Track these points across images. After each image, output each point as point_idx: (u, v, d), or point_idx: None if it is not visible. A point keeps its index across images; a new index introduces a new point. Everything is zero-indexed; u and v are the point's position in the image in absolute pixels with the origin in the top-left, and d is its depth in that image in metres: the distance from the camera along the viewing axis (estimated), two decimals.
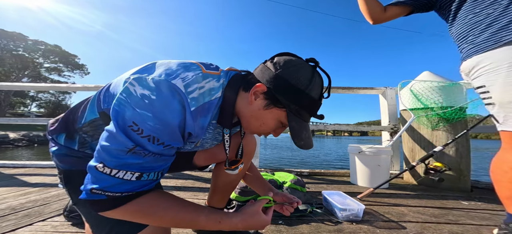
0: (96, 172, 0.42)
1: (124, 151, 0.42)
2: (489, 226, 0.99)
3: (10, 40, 30.69)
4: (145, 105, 0.42)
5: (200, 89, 0.48)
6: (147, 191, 0.48)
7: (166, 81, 0.44)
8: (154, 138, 0.43)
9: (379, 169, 1.67)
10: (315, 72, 0.55)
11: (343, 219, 1.02)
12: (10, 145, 14.02)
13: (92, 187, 0.42)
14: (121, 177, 0.42)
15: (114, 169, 0.42)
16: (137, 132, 0.42)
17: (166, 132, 0.44)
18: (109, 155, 0.42)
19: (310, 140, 0.56)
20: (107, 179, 0.42)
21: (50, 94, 40.60)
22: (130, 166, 0.43)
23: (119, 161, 0.42)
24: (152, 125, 0.42)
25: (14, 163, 2.23)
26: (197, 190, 1.47)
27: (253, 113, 0.55)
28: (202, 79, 0.50)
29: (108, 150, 0.42)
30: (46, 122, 2.43)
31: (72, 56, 36.68)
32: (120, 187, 0.43)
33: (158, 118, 0.43)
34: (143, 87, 0.44)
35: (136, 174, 0.44)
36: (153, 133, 0.43)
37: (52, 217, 1.01)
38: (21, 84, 2.67)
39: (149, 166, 0.45)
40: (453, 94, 1.69)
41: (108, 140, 0.42)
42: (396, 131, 2.24)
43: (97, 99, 0.55)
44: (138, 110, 0.42)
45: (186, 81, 0.46)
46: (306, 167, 6.72)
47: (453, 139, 1.44)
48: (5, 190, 1.42)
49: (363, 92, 2.46)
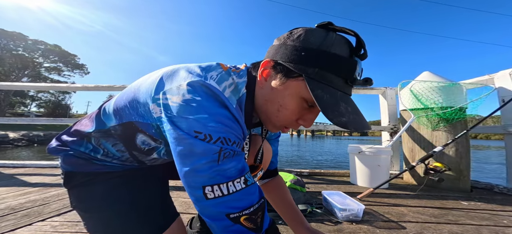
0: (210, 203, 0.38)
1: (215, 160, 0.38)
2: (489, 226, 0.99)
3: (10, 40, 30.67)
4: (195, 109, 0.38)
5: (230, 87, 0.44)
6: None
7: (202, 82, 0.40)
8: (225, 139, 0.39)
9: (379, 169, 1.67)
10: (330, 31, 0.43)
11: (343, 219, 1.02)
12: (10, 145, 14.01)
13: (222, 224, 0.38)
14: (235, 190, 0.38)
15: (222, 184, 0.38)
16: (206, 140, 0.38)
17: (230, 128, 0.40)
18: (206, 174, 0.38)
19: (359, 116, 0.43)
20: (225, 201, 0.38)
21: (50, 94, 40.61)
22: (231, 173, 0.39)
23: (220, 173, 0.38)
24: (214, 126, 0.38)
25: (14, 162, 2.23)
26: None
27: (267, 97, 0.46)
28: (228, 76, 0.45)
29: (199, 171, 0.38)
30: (46, 122, 2.44)
31: (72, 56, 36.67)
32: (244, 201, 0.39)
33: (216, 116, 0.39)
34: (182, 93, 0.39)
35: (242, 178, 0.40)
36: (221, 133, 0.39)
37: (51, 217, 1.01)
38: (21, 84, 2.67)
39: (243, 167, 0.41)
40: (453, 94, 1.69)
41: (191, 158, 0.38)
42: (396, 131, 2.24)
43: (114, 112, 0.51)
44: (191, 117, 0.38)
45: (216, 79, 0.42)
46: (305, 167, 6.72)
47: (453, 139, 1.45)
48: (5, 190, 1.42)
49: (363, 92, 2.46)
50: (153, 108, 0.43)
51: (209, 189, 0.38)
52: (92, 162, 0.54)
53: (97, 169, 0.55)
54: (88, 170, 0.54)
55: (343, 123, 0.39)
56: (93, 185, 0.55)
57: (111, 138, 0.53)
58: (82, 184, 0.55)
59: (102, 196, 0.54)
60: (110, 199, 0.54)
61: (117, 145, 0.53)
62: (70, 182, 0.55)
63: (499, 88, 1.77)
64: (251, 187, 0.41)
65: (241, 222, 0.38)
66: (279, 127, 0.50)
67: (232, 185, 0.38)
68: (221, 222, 0.39)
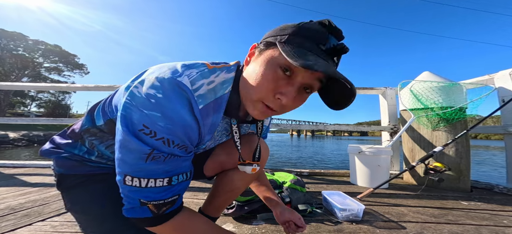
0: (127, 187, 0.42)
1: (142, 159, 0.41)
2: (489, 226, 0.99)
3: (10, 40, 30.66)
4: (152, 105, 0.40)
5: (209, 85, 0.45)
6: (182, 205, 0.50)
7: (171, 79, 0.41)
8: (169, 140, 0.41)
9: (379, 169, 1.67)
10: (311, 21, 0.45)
11: (343, 219, 1.02)
12: (9, 145, 14.01)
13: (135, 204, 0.43)
14: (154, 186, 0.42)
15: (144, 179, 0.42)
16: (150, 135, 0.40)
17: (179, 132, 0.42)
18: (129, 166, 0.41)
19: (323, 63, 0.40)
20: (140, 191, 0.42)
21: (50, 94, 40.62)
22: (155, 173, 0.42)
23: (142, 170, 0.41)
24: (163, 126, 0.40)
25: (14, 162, 2.23)
26: (197, 190, 1.47)
27: (246, 74, 0.48)
28: (209, 74, 0.46)
29: (126, 162, 0.41)
30: (46, 122, 2.44)
31: (72, 56, 36.65)
32: (160, 195, 0.43)
33: (168, 117, 0.40)
34: (147, 87, 0.41)
35: (165, 179, 0.43)
36: (166, 134, 0.41)
37: (51, 217, 1.01)
38: (21, 84, 2.67)
39: (173, 169, 0.44)
40: (453, 94, 1.69)
41: (123, 150, 0.41)
42: (396, 131, 2.24)
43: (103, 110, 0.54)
44: (145, 111, 0.40)
45: (191, 77, 0.43)
46: (305, 167, 6.72)
47: (453, 139, 1.45)
48: (5, 189, 1.42)
49: (363, 92, 2.46)
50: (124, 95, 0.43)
51: (129, 178, 0.41)
52: (86, 164, 0.56)
53: (91, 171, 0.56)
54: (82, 172, 0.56)
55: (307, 65, 0.37)
56: (87, 186, 0.56)
57: (103, 139, 0.54)
58: (76, 186, 0.56)
59: (97, 197, 0.55)
60: (105, 200, 0.55)
61: (110, 147, 0.55)
62: (63, 184, 0.57)
63: (499, 88, 1.77)
64: (174, 187, 0.45)
65: (147, 206, 0.43)
66: (257, 103, 0.47)
67: (152, 181, 0.42)
68: (131, 202, 0.43)
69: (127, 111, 0.41)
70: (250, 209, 1.05)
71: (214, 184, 0.76)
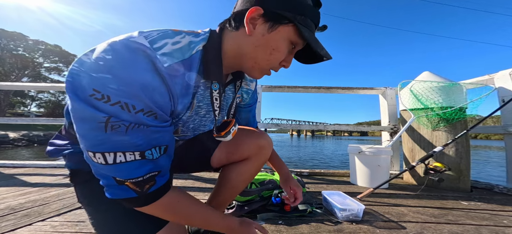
0: (97, 164, 0.39)
1: (100, 129, 0.36)
2: (489, 226, 0.99)
3: (10, 40, 30.66)
4: (101, 67, 0.36)
5: (174, 45, 0.43)
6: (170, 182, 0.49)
7: (125, 40, 0.38)
8: (127, 105, 0.37)
9: (379, 169, 1.67)
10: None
11: (343, 219, 1.02)
12: (9, 145, 14.02)
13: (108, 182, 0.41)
14: (124, 161, 0.39)
15: (108, 154, 0.38)
16: (102, 100, 0.36)
17: (139, 94, 0.37)
18: (89, 141, 0.37)
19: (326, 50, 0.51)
20: (111, 168, 0.39)
21: (50, 94, 40.61)
22: (121, 146, 0.38)
23: (104, 143, 0.37)
24: (115, 88, 0.36)
25: (14, 162, 2.23)
26: (197, 190, 1.47)
27: (258, 43, 0.48)
28: (174, 35, 0.44)
29: (84, 136, 0.37)
30: (46, 122, 2.44)
31: (72, 56, 36.63)
32: (136, 172, 0.40)
33: (120, 78, 0.36)
34: (98, 52, 0.37)
35: (137, 153, 0.40)
36: (122, 98, 0.36)
37: (51, 217, 1.01)
38: (21, 84, 2.67)
39: (145, 142, 0.40)
40: (453, 94, 1.69)
41: (77, 122, 0.37)
42: (396, 131, 2.24)
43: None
44: (94, 74, 0.35)
45: (150, 38, 0.40)
46: (306, 166, 6.72)
47: (453, 139, 1.44)
48: (5, 189, 1.42)
49: (363, 92, 2.46)
50: None
51: (91, 154, 0.38)
52: None
53: None
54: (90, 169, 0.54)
55: (324, 54, 0.49)
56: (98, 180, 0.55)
57: None
58: (88, 180, 0.54)
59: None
60: None
61: None
62: (75, 178, 0.56)
63: (499, 88, 1.77)
64: (151, 161, 0.42)
65: (125, 184, 0.40)
66: (265, 70, 0.53)
67: (121, 155, 0.38)
68: (106, 179, 0.41)
69: (74, 78, 0.36)
70: (250, 209, 1.05)
71: (219, 178, 0.77)
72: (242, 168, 0.70)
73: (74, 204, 1.17)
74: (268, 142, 0.72)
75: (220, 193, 0.74)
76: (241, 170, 0.71)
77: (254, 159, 0.71)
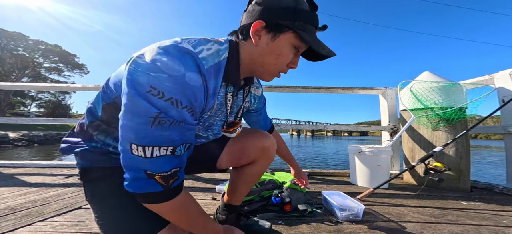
0: (133, 157, 0.42)
1: (148, 123, 0.41)
2: (489, 226, 0.99)
3: (10, 40, 30.64)
4: (157, 67, 0.41)
5: (208, 51, 0.50)
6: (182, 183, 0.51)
7: (175, 45, 0.45)
8: (177, 101, 0.42)
9: (379, 169, 1.67)
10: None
11: (343, 219, 1.02)
12: (9, 145, 14.02)
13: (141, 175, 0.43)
14: (159, 155, 0.42)
15: (147, 147, 0.41)
16: (158, 96, 0.41)
17: (187, 92, 0.43)
18: (135, 132, 0.41)
19: (329, 48, 0.56)
20: (145, 161, 0.42)
21: (50, 94, 40.60)
22: (159, 140, 0.42)
23: (147, 136, 0.41)
24: (170, 85, 0.41)
25: (14, 162, 2.23)
26: (197, 190, 1.47)
27: (264, 51, 0.55)
28: (206, 43, 0.51)
29: (131, 128, 0.41)
30: (46, 122, 2.44)
31: (72, 56, 36.60)
32: (165, 166, 0.44)
33: (174, 77, 0.42)
34: (151, 55, 0.43)
35: (170, 148, 0.44)
36: (174, 94, 0.42)
37: (51, 217, 1.01)
38: (21, 84, 2.67)
39: (179, 138, 0.45)
40: (453, 94, 1.69)
41: (128, 114, 0.41)
42: (396, 131, 2.24)
43: (101, 96, 0.55)
44: (152, 74, 0.41)
45: (191, 44, 0.47)
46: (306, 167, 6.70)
47: (453, 139, 1.44)
48: (5, 189, 1.42)
49: (363, 92, 2.46)
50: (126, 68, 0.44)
51: (134, 146, 0.41)
52: (110, 155, 0.57)
53: (113, 164, 0.57)
54: (107, 165, 0.57)
55: (326, 53, 0.54)
56: (108, 178, 0.57)
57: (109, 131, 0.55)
58: (98, 178, 0.57)
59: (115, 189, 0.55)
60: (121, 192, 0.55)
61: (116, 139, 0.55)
62: (86, 176, 0.58)
63: (499, 88, 1.77)
64: (178, 157, 0.46)
65: (155, 178, 0.44)
66: (274, 74, 0.59)
67: (157, 150, 0.42)
68: (136, 172, 0.43)
69: (133, 75, 0.41)
70: (250, 209, 1.05)
71: (232, 177, 0.85)
72: (252, 169, 0.77)
73: (74, 204, 1.17)
74: (272, 143, 0.77)
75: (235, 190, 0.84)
76: (251, 171, 0.78)
77: (260, 161, 0.77)
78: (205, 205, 1.20)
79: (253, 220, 0.91)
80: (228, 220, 0.87)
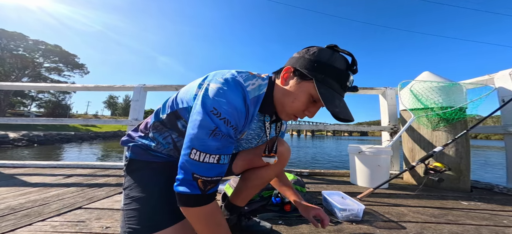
0: (191, 161, 0.53)
1: (207, 134, 0.53)
2: (489, 226, 0.99)
3: (10, 40, 30.61)
4: (220, 94, 0.56)
5: (253, 85, 0.62)
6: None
7: (233, 78, 0.59)
8: (228, 121, 0.55)
9: (379, 169, 1.67)
10: (336, 51, 0.61)
11: (343, 219, 1.02)
12: (9, 145, 14.02)
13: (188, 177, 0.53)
14: (208, 161, 0.53)
15: (203, 153, 0.53)
16: (216, 115, 0.54)
17: (235, 115, 0.56)
18: (198, 140, 0.53)
19: (347, 110, 0.60)
20: (197, 164, 0.53)
21: (50, 94, 40.59)
22: (212, 149, 0.54)
23: (205, 144, 0.53)
24: (226, 109, 0.55)
25: (14, 162, 2.23)
26: None
27: (285, 92, 0.64)
28: (252, 78, 0.64)
29: (197, 136, 0.54)
30: (46, 122, 2.44)
31: (72, 56, 36.55)
32: (209, 172, 0.54)
33: (230, 103, 0.56)
34: (217, 84, 0.58)
35: (216, 156, 0.54)
36: (227, 115, 0.55)
37: (51, 217, 1.01)
38: (21, 84, 2.67)
39: (223, 149, 0.56)
40: (453, 94, 1.69)
41: (195, 127, 0.55)
42: (396, 131, 2.24)
43: (167, 106, 0.70)
44: (216, 98, 0.55)
45: (243, 78, 0.61)
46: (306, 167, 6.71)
47: (453, 139, 1.44)
48: (5, 189, 1.42)
49: (363, 92, 2.46)
50: (197, 92, 0.61)
51: (194, 150, 0.53)
52: (148, 152, 0.71)
53: (150, 158, 0.71)
54: (144, 158, 0.71)
55: (336, 112, 0.56)
56: (143, 170, 0.70)
57: (162, 130, 0.69)
58: (137, 169, 0.71)
59: (146, 179, 0.69)
60: (151, 182, 0.68)
61: (167, 137, 0.70)
62: (129, 167, 0.71)
63: (499, 88, 1.77)
64: (220, 166, 0.56)
65: (197, 182, 0.53)
66: (290, 115, 0.66)
67: (207, 157, 0.53)
68: (186, 174, 0.53)
69: (204, 99, 0.56)
70: (250, 209, 1.05)
71: (241, 179, 0.87)
72: (263, 173, 0.80)
73: (74, 204, 1.17)
74: (286, 148, 0.82)
75: (246, 189, 0.86)
76: (261, 174, 0.81)
77: (272, 165, 0.79)
78: None
79: (254, 220, 0.91)
80: (230, 220, 0.88)
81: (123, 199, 0.68)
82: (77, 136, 20.90)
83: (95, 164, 2.24)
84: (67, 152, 11.98)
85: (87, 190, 1.46)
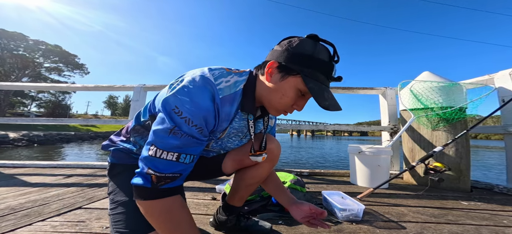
0: (148, 157, 0.52)
1: (167, 132, 0.52)
2: (489, 226, 0.99)
3: (10, 40, 30.61)
4: (184, 93, 0.54)
5: (227, 83, 0.60)
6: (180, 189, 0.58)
7: (201, 76, 0.57)
8: (190, 120, 0.53)
9: (379, 169, 1.67)
10: (317, 42, 0.60)
11: (343, 219, 1.02)
12: (10, 145, 14.02)
13: (143, 171, 0.52)
14: (165, 158, 0.52)
15: (160, 150, 0.52)
16: (177, 114, 0.53)
17: (199, 114, 0.54)
18: (157, 137, 0.53)
19: (335, 101, 0.59)
20: (153, 160, 0.52)
21: (50, 94, 40.58)
22: (171, 147, 0.52)
23: (163, 141, 0.52)
24: (188, 108, 0.53)
25: (14, 162, 2.23)
26: (197, 190, 1.47)
27: (272, 88, 0.61)
28: (227, 75, 0.61)
29: (156, 133, 0.53)
30: (46, 122, 2.44)
31: (72, 56, 36.54)
32: (166, 168, 0.52)
33: (193, 102, 0.54)
34: (184, 82, 0.56)
35: (175, 154, 0.53)
36: (189, 114, 0.53)
37: (51, 217, 1.01)
38: (21, 84, 2.67)
39: (184, 148, 0.54)
40: (453, 94, 1.69)
41: (157, 123, 0.54)
42: (396, 131, 2.24)
43: (147, 109, 0.69)
44: (179, 97, 0.54)
45: (214, 76, 0.59)
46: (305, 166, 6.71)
47: (453, 139, 1.44)
48: (5, 189, 1.42)
49: (363, 92, 2.46)
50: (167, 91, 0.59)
51: (152, 147, 0.52)
52: (131, 155, 0.70)
53: (133, 162, 0.69)
54: (126, 162, 0.70)
55: (325, 105, 0.55)
56: (126, 174, 0.68)
57: (144, 134, 0.68)
58: (119, 173, 0.69)
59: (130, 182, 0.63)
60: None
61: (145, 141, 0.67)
62: (112, 172, 0.70)
63: (499, 88, 1.77)
64: (180, 164, 0.54)
65: (151, 176, 0.52)
66: (280, 111, 0.64)
67: (165, 153, 0.52)
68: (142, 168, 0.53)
69: (167, 98, 0.55)
70: (250, 209, 1.05)
71: (234, 181, 0.87)
72: (254, 172, 0.79)
73: (74, 204, 1.17)
74: (276, 145, 0.80)
75: (241, 190, 0.85)
76: (253, 174, 0.80)
77: (263, 163, 0.78)
78: (205, 205, 1.20)
79: (253, 220, 0.91)
80: (228, 221, 0.88)
81: (109, 204, 0.66)
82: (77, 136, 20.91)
83: (95, 164, 2.24)
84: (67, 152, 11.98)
85: (87, 190, 1.46)
